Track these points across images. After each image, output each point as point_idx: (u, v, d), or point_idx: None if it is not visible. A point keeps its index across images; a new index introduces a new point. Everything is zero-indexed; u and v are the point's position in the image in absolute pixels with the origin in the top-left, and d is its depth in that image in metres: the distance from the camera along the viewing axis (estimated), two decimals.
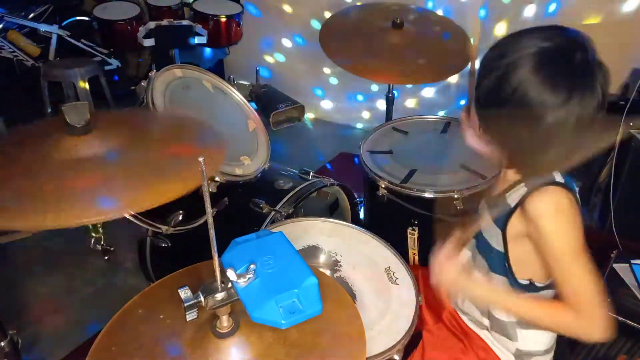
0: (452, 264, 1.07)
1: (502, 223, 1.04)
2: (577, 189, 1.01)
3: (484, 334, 1.21)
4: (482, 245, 1.13)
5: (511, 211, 1.02)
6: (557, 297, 1.01)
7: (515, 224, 1.02)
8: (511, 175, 1.05)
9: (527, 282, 1.08)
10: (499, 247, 1.07)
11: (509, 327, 1.14)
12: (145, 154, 0.97)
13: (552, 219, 0.95)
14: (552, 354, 1.18)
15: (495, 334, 1.19)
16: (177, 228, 1.61)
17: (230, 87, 1.85)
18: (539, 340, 1.15)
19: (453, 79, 3.01)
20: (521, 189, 1.01)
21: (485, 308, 1.17)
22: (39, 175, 0.87)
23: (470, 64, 1.22)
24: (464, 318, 1.26)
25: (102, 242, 1.56)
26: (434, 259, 1.09)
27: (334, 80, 3.42)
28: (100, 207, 0.82)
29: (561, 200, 0.96)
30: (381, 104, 2.95)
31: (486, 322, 1.20)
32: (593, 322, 0.94)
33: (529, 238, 1.01)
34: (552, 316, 0.99)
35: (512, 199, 1.02)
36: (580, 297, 0.95)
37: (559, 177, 0.99)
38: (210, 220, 0.78)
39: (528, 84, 0.89)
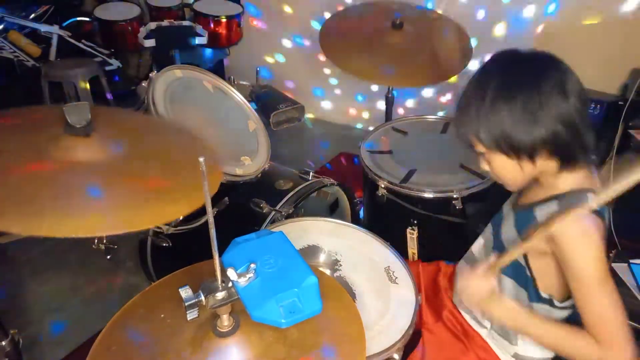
0: (486, 283, 1.02)
1: (524, 235, 1.03)
2: (606, 216, 0.99)
3: (484, 333, 1.21)
4: (499, 247, 1.13)
5: (536, 225, 1.00)
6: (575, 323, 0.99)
7: (538, 240, 0.98)
8: (546, 188, 1.03)
9: (548, 297, 1.07)
10: (519, 258, 1.06)
11: (511, 331, 1.14)
12: (147, 161, 0.97)
13: (579, 248, 0.93)
14: None
15: (495, 334, 1.19)
16: (178, 228, 1.61)
17: (230, 87, 1.85)
18: (539, 348, 1.14)
19: (453, 78, 3.01)
20: (552, 206, 0.99)
21: (511, 330, 1.14)
22: (37, 177, 0.86)
23: None
24: (466, 316, 1.26)
25: (104, 241, 1.56)
26: (464, 279, 1.05)
27: (334, 81, 3.42)
28: (97, 222, 0.81)
29: (590, 229, 0.93)
30: (381, 104, 2.95)
31: (487, 322, 1.20)
32: (615, 355, 0.91)
33: (552, 257, 0.99)
34: (573, 343, 0.96)
35: (541, 213, 1.01)
36: (603, 327, 0.92)
37: (592, 202, 0.95)
38: (211, 220, 0.78)
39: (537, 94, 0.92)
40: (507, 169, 1.01)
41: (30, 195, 0.82)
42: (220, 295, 0.81)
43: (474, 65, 2.88)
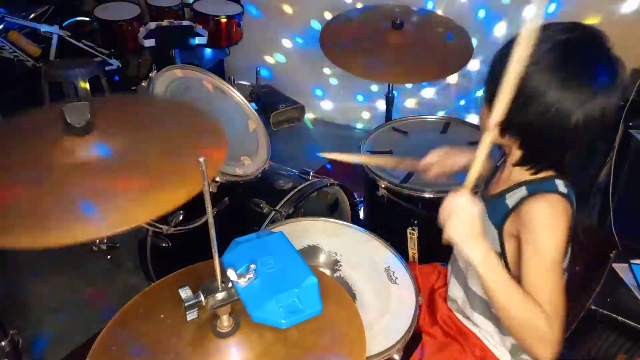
0: (473, 204, 0.95)
1: (498, 222, 1.04)
2: (573, 199, 1.00)
3: (477, 331, 1.21)
4: None
5: (508, 212, 1.02)
6: None
7: (509, 225, 1.02)
8: (514, 176, 1.05)
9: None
10: (495, 247, 1.06)
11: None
12: (147, 155, 0.96)
13: (545, 226, 0.95)
14: None
15: (488, 329, 1.18)
16: (178, 228, 1.61)
17: (230, 87, 1.85)
18: None
19: (453, 79, 3.01)
20: (521, 191, 1.01)
21: (472, 272, 1.12)
22: (38, 181, 0.85)
23: None
24: (459, 316, 1.26)
25: (105, 241, 1.56)
26: (450, 197, 0.99)
27: (334, 81, 3.42)
28: (101, 222, 0.80)
29: (558, 210, 0.95)
30: (381, 104, 2.95)
31: (477, 318, 1.20)
32: (553, 336, 0.92)
33: (517, 238, 1.00)
34: (527, 306, 0.93)
35: (512, 200, 1.02)
36: (551, 306, 0.93)
37: (562, 187, 0.99)
38: (211, 220, 0.78)
39: (547, 85, 0.89)
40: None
41: (32, 207, 0.80)
42: (220, 295, 0.81)
43: (474, 65, 2.89)
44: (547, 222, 0.95)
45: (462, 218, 0.96)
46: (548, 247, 0.94)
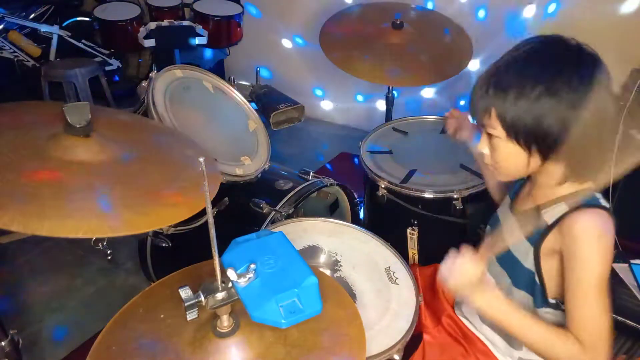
0: (475, 267, 0.97)
1: (535, 240, 1.01)
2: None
3: (484, 338, 1.21)
4: (506, 260, 1.09)
5: (548, 229, 0.98)
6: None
7: (550, 242, 0.99)
8: (548, 190, 1.01)
9: (555, 301, 1.05)
10: (528, 264, 1.04)
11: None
12: (146, 164, 0.97)
13: (592, 242, 0.91)
14: None
15: (497, 338, 1.17)
16: (178, 228, 1.61)
17: (230, 87, 1.85)
18: None
19: (453, 79, 3.01)
20: (561, 207, 0.97)
21: (488, 319, 1.12)
22: (38, 177, 0.86)
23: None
24: (465, 321, 1.25)
25: (104, 242, 1.56)
26: (451, 259, 1.00)
27: (334, 81, 3.42)
28: (98, 224, 0.81)
29: (605, 226, 0.92)
30: (381, 104, 2.96)
31: (486, 328, 1.19)
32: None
33: (559, 255, 0.97)
34: (555, 342, 0.92)
35: (550, 215, 0.98)
36: (591, 331, 0.89)
37: (603, 201, 0.97)
38: (211, 220, 0.78)
39: (545, 85, 0.89)
40: (512, 159, 0.97)
41: (31, 195, 0.81)
42: (220, 295, 0.81)
43: (474, 65, 2.89)
44: (593, 240, 0.91)
45: (465, 281, 0.98)
46: (591, 265, 0.91)
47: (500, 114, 0.93)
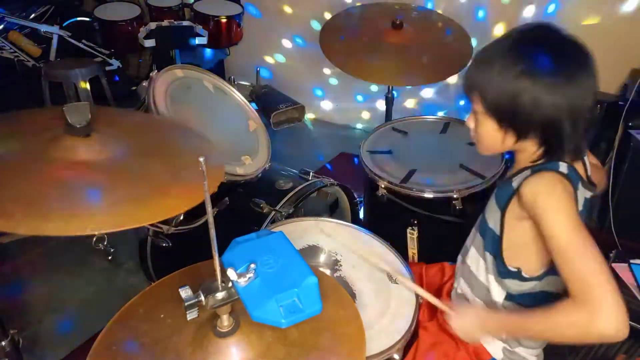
0: (470, 321, 1.09)
1: (502, 204, 1.04)
2: (579, 186, 1.01)
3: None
4: (482, 224, 1.14)
5: (512, 193, 1.01)
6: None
7: (514, 207, 1.02)
8: (522, 161, 1.06)
9: (515, 269, 1.07)
10: (495, 228, 1.07)
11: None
12: (147, 159, 0.97)
13: (546, 197, 0.94)
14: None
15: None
16: (178, 228, 1.61)
17: (230, 87, 1.85)
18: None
19: (452, 79, 3.01)
20: (526, 173, 1.01)
21: (510, 337, 1.16)
22: (40, 177, 0.86)
23: None
24: None
25: (105, 242, 1.56)
26: (454, 321, 1.11)
27: (334, 81, 3.42)
28: (101, 220, 0.81)
29: (555, 184, 0.95)
30: (381, 104, 2.96)
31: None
32: (606, 315, 0.82)
33: (530, 222, 0.99)
34: (561, 318, 0.89)
35: (517, 182, 1.02)
36: (587, 284, 0.85)
37: (563, 168, 0.99)
38: (211, 220, 0.78)
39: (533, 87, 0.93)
40: (490, 135, 1.03)
41: (34, 196, 0.82)
42: (220, 295, 0.81)
43: None
44: (546, 195, 0.94)
45: (471, 332, 1.10)
46: (558, 224, 0.91)
47: (482, 89, 1.00)
